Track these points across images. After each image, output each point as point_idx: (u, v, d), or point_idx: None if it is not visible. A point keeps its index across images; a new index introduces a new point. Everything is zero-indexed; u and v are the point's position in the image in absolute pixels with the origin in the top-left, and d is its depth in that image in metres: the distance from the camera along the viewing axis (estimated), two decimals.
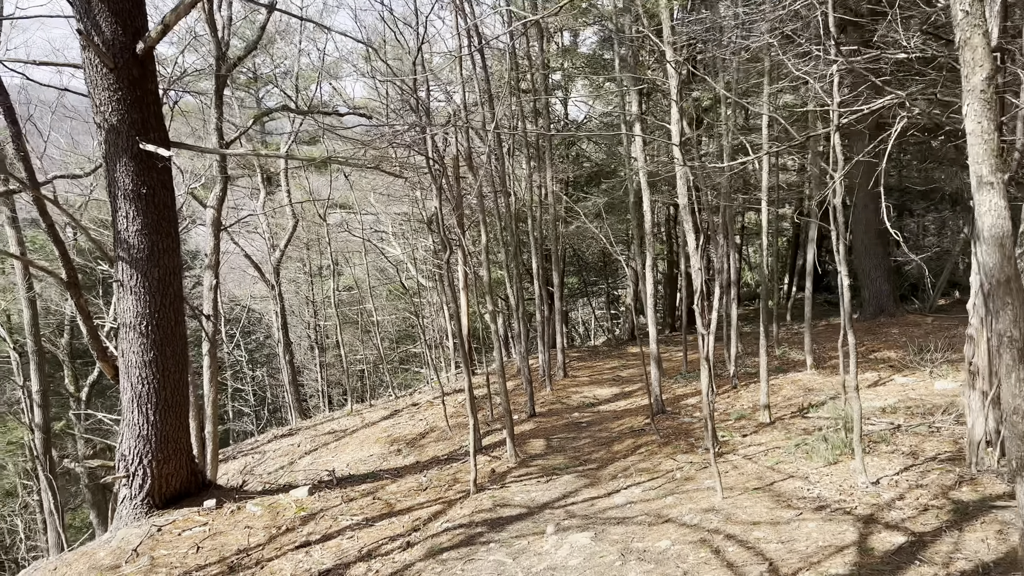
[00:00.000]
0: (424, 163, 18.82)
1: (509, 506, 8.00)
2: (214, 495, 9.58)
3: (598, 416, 12.40)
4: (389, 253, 20.30)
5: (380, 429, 14.56)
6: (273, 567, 7.22)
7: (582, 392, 14.47)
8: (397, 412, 15.71)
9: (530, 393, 12.89)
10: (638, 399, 13.35)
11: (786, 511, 6.25)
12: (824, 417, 9.77)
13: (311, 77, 26.54)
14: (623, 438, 10.59)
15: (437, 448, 12.03)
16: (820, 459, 7.70)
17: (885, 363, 12.94)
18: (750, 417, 10.44)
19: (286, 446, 15.60)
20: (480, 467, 9.91)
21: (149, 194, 8.27)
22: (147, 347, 8.48)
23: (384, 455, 12.50)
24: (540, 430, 11.88)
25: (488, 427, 12.57)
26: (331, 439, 14.99)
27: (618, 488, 8.18)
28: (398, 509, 8.52)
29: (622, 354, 19.10)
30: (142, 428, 8.66)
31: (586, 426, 11.77)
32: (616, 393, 14.18)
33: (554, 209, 15.42)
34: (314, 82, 25.53)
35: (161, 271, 8.46)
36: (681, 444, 9.63)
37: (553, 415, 12.87)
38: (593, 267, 22.99)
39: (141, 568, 7.55)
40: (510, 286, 14.89)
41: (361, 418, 16.23)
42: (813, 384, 12.07)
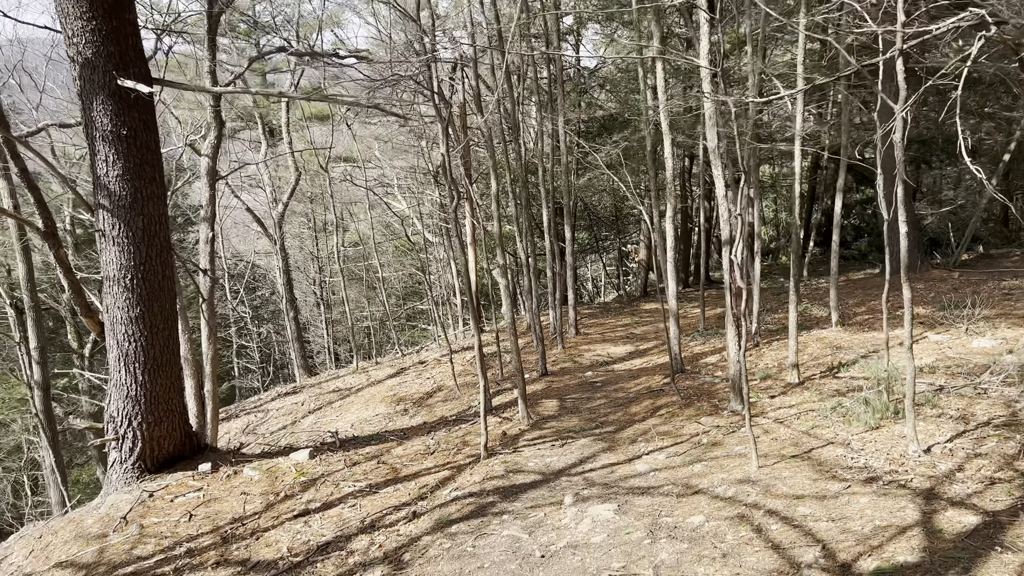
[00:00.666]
0: (429, 111, 17.95)
1: (523, 472, 7.40)
2: (210, 458, 9.02)
3: (613, 375, 11.77)
4: (395, 207, 19.55)
5: (386, 388, 13.99)
6: (269, 538, 6.65)
7: (595, 350, 13.84)
8: (404, 370, 15.13)
9: (542, 351, 12.26)
10: (654, 357, 12.71)
11: (832, 483, 5.61)
12: (857, 377, 9.11)
13: (312, 25, 25.49)
14: (641, 399, 9.96)
15: (445, 408, 11.44)
16: (860, 424, 7.05)
17: (916, 320, 12.23)
18: (776, 377, 9.79)
19: (289, 404, 15.07)
20: (491, 429, 9.31)
21: (130, 136, 7.54)
22: (133, 302, 7.84)
23: (390, 415, 11.94)
24: (553, 390, 11.26)
25: (498, 386, 11.97)
26: (336, 398, 14.44)
27: (639, 453, 7.56)
28: (404, 475, 7.93)
29: (635, 311, 18.42)
30: (130, 388, 8.05)
31: (601, 386, 11.15)
32: (631, 351, 13.54)
33: (566, 159, 14.61)
34: (315, 30, 24.54)
35: (146, 220, 7.77)
36: (704, 406, 9.00)
37: (566, 374, 12.25)
38: (605, 221, 22.19)
39: (129, 538, 7.00)
40: (520, 240, 14.18)
41: (367, 376, 15.66)
42: (840, 341, 11.39)
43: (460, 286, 18.37)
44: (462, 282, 16.88)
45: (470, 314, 8.69)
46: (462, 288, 19.57)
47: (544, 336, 12.53)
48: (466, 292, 8.62)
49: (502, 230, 9.06)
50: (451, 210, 7.78)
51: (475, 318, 9.29)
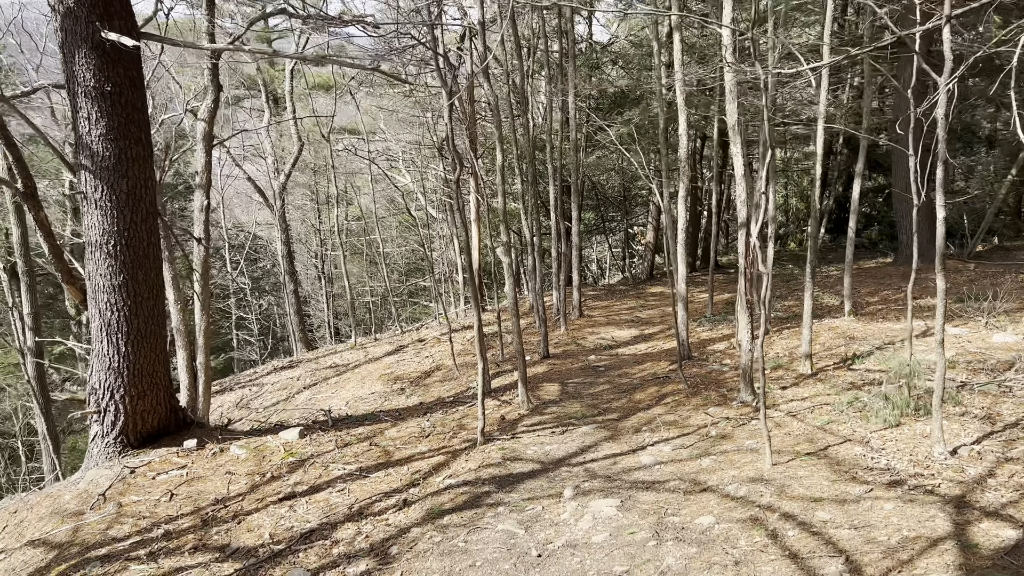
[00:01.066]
0: (435, 83, 17.41)
1: (520, 460, 7.00)
2: (196, 435, 8.65)
3: (617, 360, 11.36)
4: (398, 181, 19.07)
5: (383, 365, 13.61)
6: (251, 522, 6.28)
7: (599, 333, 13.42)
8: (402, 348, 14.75)
9: (544, 333, 11.84)
10: (660, 343, 12.30)
11: (852, 485, 5.20)
12: (873, 369, 8.68)
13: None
14: (645, 385, 9.56)
15: (443, 388, 11.05)
16: (879, 420, 6.63)
17: (929, 311, 11.78)
18: (788, 367, 9.37)
19: (285, 379, 14.72)
20: (489, 413, 8.92)
21: (114, 92, 7.08)
22: (116, 269, 7.42)
23: (386, 394, 11.56)
24: (554, 373, 10.86)
25: (498, 368, 11.57)
26: (332, 374, 14.07)
27: (643, 444, 7.16)
28: (397, 458, 7.55)
29: (640, 294, 17.99)
30: (112, 360, 7.66)
31: (604, 371, 10.74)
32: (635, 335, 13.12)
33: (575, 135, 14.11)
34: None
35: (130, 183, 7.33)
36: (712, 395, 8.59)
37: (568, 357, 11.85)
38: (612, 202, 21.68)
39: (106, 517, 6.63)
40: (525, 218, 13.75)
41: (365, 352, 15.28)
42: (853, 332, 10.96)
43: (462, 263, 17.94)
44: (464, 259, 16.46)
45: (470, 292, 8.30)
46: (464, 265, 19.14)
47: (547, 317, 12.12)
48: (467, 269, 8.18)
49: (507, 206, 8.60)
50: (454, 182, 7.32)
51: (475, 296, 8.87)
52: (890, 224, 25.73)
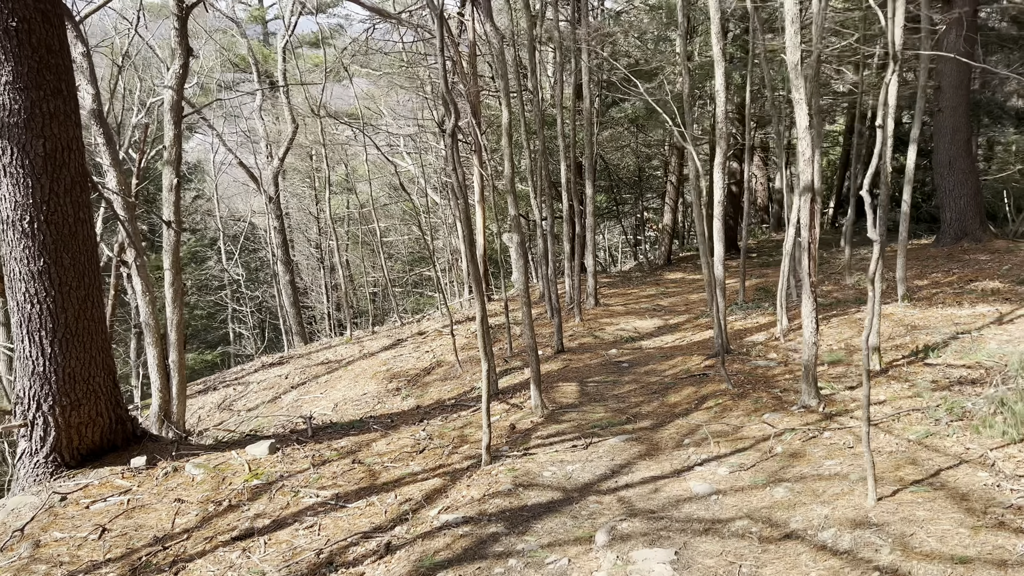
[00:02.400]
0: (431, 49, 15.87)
1: (536, 487, 5.50)
2: (148, 450, 7.18)
3: (642, 354, 9.84)
4: (399, 165, 17.54)
5: (379, 362, 12.13)
6: (191, 571, 4.81)
7: (618, 324, 11.90)
8: (401, 342, 13.26)
9: (558, 324, 10.33)
10: (688, 334, 10.78)
11: (1004, 535, 3.68)
12: (955, 364, 7.14)
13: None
14: (680, 386, 8.03)
15: (443, 389, 9.57)
16: (994, 433, 5.10)
17: (994, 295, 10.22)
18: (849, 362, 7.83)
19: (273, 377, 13.26)
20: (496, 420, 7.43)
21: (22, 30, 5.57)
22: (34, 252, 5.94)
23: (379, 395, 10.09)
24: (571, 371, 9.35)
25: (506, 364, 10.08)
26: (323, 371, 12.60)
27: (690, 463, 5.65)
28: (383, 481, 6.06)
29: (659, 280, 16.44)
30: (37, 363, 6.19)
31: (628, 367, 9.23)
32: (660, 326, 11.59)
33: (589, 105, 12.55)
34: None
35: (49, 144, 5.83)
36: (764, 398, 7.06)
37: (585, 351, 10.34)
38: (626, 183, 20.11)
39: (15, 563, 5.17)
40: (534, 198, 12.23)
41: (360, 347, 13.80)
42: (912, 319, 9.40)
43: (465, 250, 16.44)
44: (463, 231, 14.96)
45: (473, 279, 6.88)
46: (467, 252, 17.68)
47: (560, 307, 10.62)
48: (469, 255, 6.64)
49: (515, 179, 7.10)
50: (448, 133, 5.80)
51: (479, 285, 7.38)
52: (916, 206, 24.12)
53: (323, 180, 24.36)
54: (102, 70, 16.72)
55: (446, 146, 5.94)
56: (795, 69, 5.97)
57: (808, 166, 6.10)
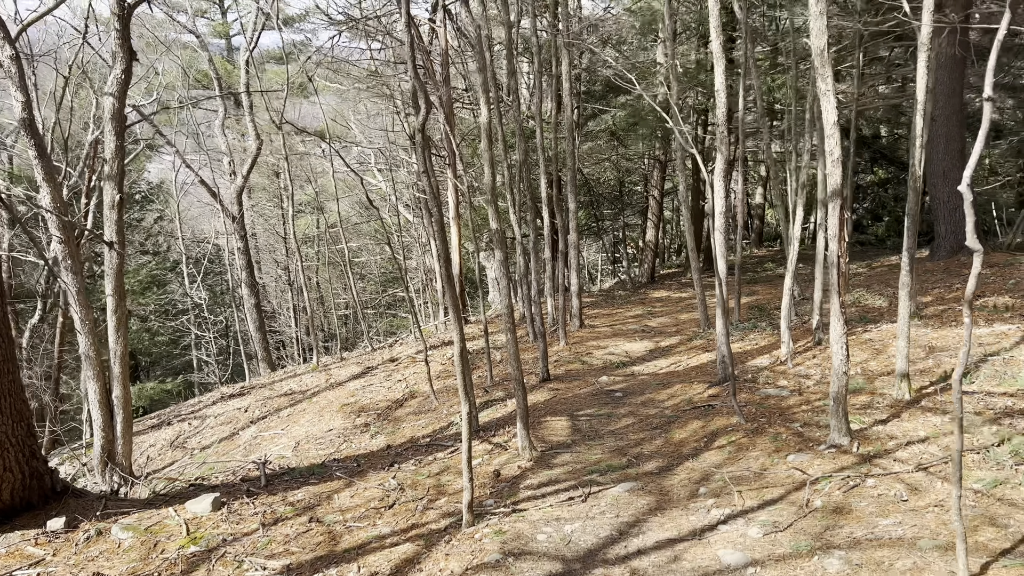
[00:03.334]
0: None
1: (529, 555, 4.51)
2: (69, 508, 6.11)
3: (636, 382, 8.91)
4: (368, 180, 16.56)
5: (347, 392, 11.08)
6: None
7: (606, 347, 10.97)
8: (371, 370, 12.21)
9: (543, 350, 9.38)
10: (683, 358, 9.88)
11: None
12: (994, 392, 6.30)
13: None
14: (684, 419, 7.10)
15: (416, 425, 8.56)
16: None
17: (1009, 312, 9.45)
18: (873, 390, 6.96)
19: (232, 410, 12.13)
20: (478, 464, 6.44)
21: None
22: None
23: (346, 431, 9.04)
24: (559, 402, 8.39)
25: (487, 395, 9.09)
26: (286, 403, 11.52)
27: (711, 520, 4.71)
28: (345, 548, 5.03)
29: (644, 299, 15.57)
30: None
31: (622, 397, 8.29)
32: (651, 349, 10.69)
33: (570, 114, 11.69)
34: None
35: None
36: (783, 434, 6.15)
37: (574, 379, 9.38)
38: (606, 199, 19.29)
39: None
40: (514, 213, 11.33)
41: (327, 376, 12.73)
42: (928, 340, 8.58)
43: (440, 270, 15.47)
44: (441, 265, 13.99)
45: (449, 304, 5.94)
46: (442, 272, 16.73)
47: (544, 330, 9.68)
48: (446, 276, 5.65)
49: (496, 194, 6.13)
50: (418, 128, 4.87)
51: (457, 311, 6.43)
52: (898, 220, 23.61)
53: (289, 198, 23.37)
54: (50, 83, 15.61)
55: (416, 144, 5.00)
56: (820, 56, 5.12)
57: (836, 168, 5.24)
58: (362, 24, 13.12)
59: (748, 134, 26.76)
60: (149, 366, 26.90)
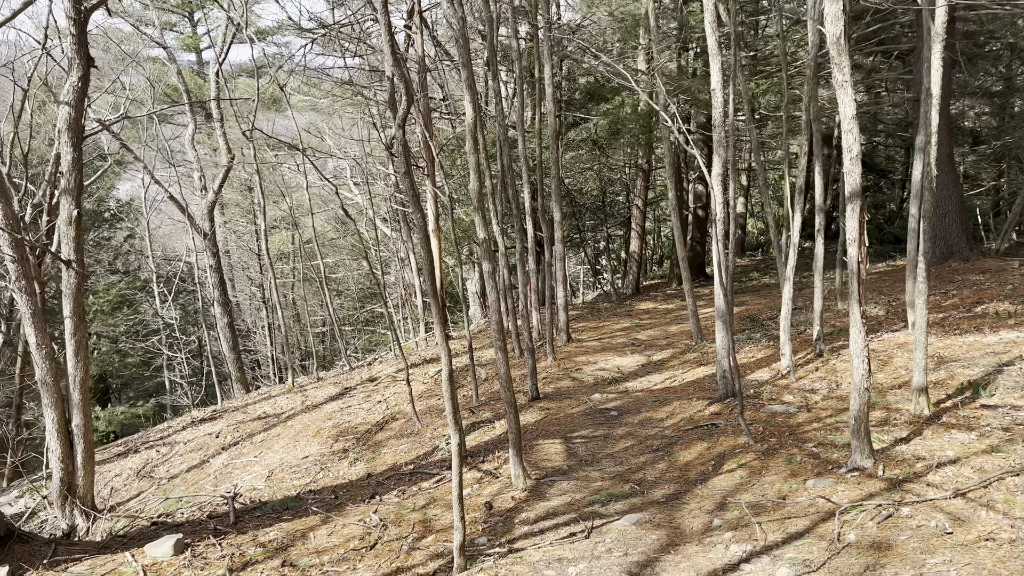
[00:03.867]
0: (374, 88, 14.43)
1: None
2: (14, 556, 5.48)
3: (630, 399, 8.40)
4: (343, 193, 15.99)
5: (324, 415, 10.46)
6: None
7: (596, 362, 10.47)
8: (349, 390, 11.60)
9: (531, 367, 8.84)
10: (678, 372, 9.40)
11: None
12: (1019, 405, 5.88)
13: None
14: (687, 440, 6.60)
15: (398, 450, 7.98)
16: None
17: (1013, 319, 9.09)
18: (888, 405, 6.51)
19: (203, 436, 11.46)
20: (468, 496, 5.88)
21: None
22: None
23: (323, 458, 8.44)
24: (551, 423, 7.85)
25: (473, 416, 8.54)
26: (260, 427, 10.87)
27: (732, 558, 4.19)
28: None
29: (631, 312, 15.10)
30: None
31: (618, 416, 7.77)
32: (643, 364, 10.20)
33: (553, 120, 11.24)
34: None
35: None
36: (797, 456, 5.66)
37: (564, 397, 8.86)
38: (588, 209, 18.84)
39: None
40: (497, 223, 10.84)
41: (303, 397, 12.09)
42: (936, 350, 8.16)
43: (421, 285, 14.90)
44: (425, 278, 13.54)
45: (436, 320, 5.42)
46: (424, 288, 16.17)
47: (532, 345, 9.15)
48: (431, 289, 5.09)
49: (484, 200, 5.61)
50: (397, 122, 4.35)
51: (442, 327, 5.90)
52: (878, 227, 23.45)
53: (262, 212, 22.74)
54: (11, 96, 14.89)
55: (396, 141, 4.47)
56: (837, 44, 4.69)
57: (856, 165, 4.80)
58: (335, 32, 12.60)
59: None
60: (120, 389, 25.99)
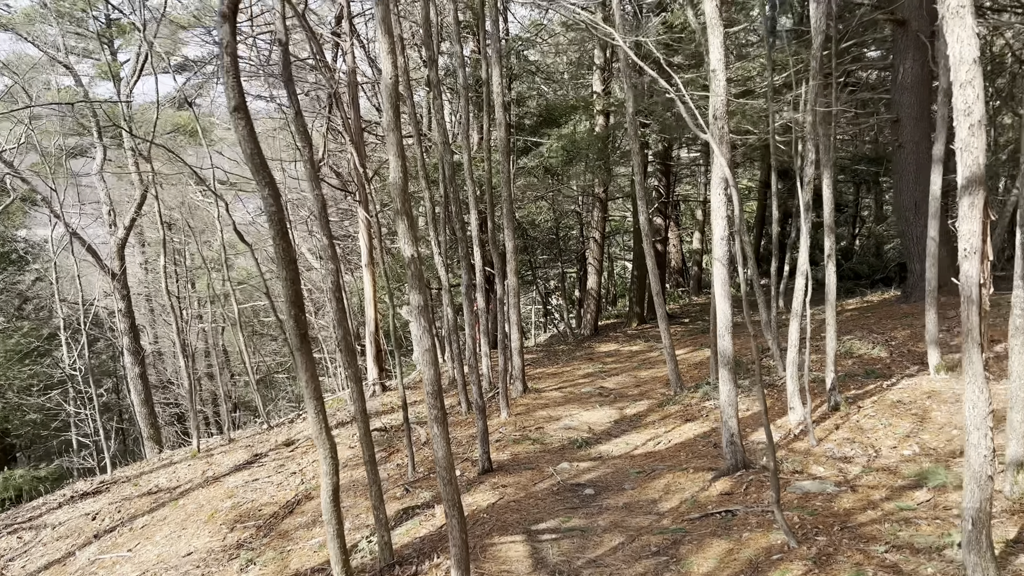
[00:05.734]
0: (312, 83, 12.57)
1: None
2: None
3: (609, 470, 6.53)
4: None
5: (224, 491, 8.31)
6: None
7: (560, 418, 8.58)
8: (260, 457, 9.46)
9: (482, 430, 6.91)
10: (660, 430, 7.58)
11: None
12: None
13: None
14: (697, 536, 4.75)
15: (308, 546, 5.94)
16: None
17: None
18: (953, 484, 4.80)
19: (78, 517, 9.14)
20: None
21: None
22: None
23: (210, 556, 6.33)
24: (509, 508, 5.91)
25: (407, 496, 6.55)
26: (147, 506, 8.64)
27: None
28: None
29: (592, 355, 13.28)
30: None
31: (595, 495, 5.89)
32: (616, 420, 8.36)
33: (505, 135, 9.49)
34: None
35: None
36: (868, 570, 3.87)
37: (524, 467, 6.93)
38: (541, 243, 17.07)
39: None
40: (439, 254, 9.04)
41: (207, 464, 9.90)
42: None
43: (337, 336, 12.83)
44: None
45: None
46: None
47: (482, 398, 7.25)
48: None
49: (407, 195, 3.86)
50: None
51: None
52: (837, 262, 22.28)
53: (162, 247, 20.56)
54: None
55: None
56: None
57: (976, 135, 3.10)
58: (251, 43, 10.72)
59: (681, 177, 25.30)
60: (24, 448, 23.00)
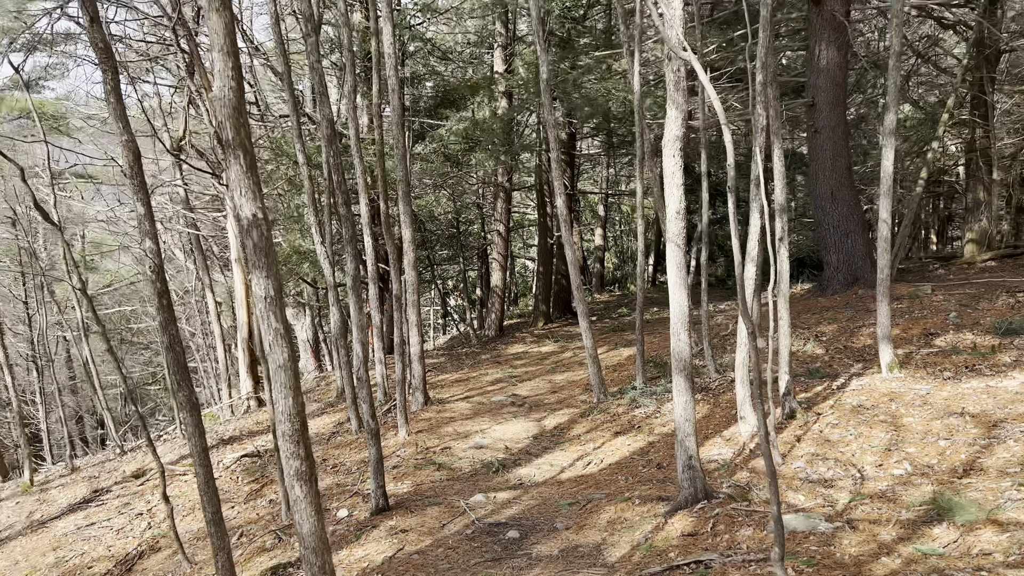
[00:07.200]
0: None
1: None
2: None
3: (534, 502, 5.26)
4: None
5: (49, 541, 6.52)
6: None
7: (469, 435, 7.25)
8: (101, 493, 7.66)
9: (376, 457, 5.49)
10: (589, 447, 6.39)
11: None
12: None
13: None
14: None
15: None
16: None
17: (998, 352, 6.89)
18: (991, 517, 3.80)
19: None
20: None
21: None
22: None
23: None
24: (411, 565, 4.52)
25: (278, 547, 5.07)
26: None
27: None
28: None
29: (499, 358, 12.01)
30: None
31: (520, 540, 4.60)
32: (535, 434, 7.11)
33: (399, 114, 8.09)
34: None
35: None
36: None
37: (429, 502, 5.56)
38: (439, 238, 15.60)
39: None
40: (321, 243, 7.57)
41: (38, 502, 7.99)
42: (944, 403, 5.72)
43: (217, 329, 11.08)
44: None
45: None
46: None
47: (375, 416, 5.83)
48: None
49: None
50: None
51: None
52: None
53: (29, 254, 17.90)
54: None
55: None
56: None
57: None
58: None
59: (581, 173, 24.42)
60: None
